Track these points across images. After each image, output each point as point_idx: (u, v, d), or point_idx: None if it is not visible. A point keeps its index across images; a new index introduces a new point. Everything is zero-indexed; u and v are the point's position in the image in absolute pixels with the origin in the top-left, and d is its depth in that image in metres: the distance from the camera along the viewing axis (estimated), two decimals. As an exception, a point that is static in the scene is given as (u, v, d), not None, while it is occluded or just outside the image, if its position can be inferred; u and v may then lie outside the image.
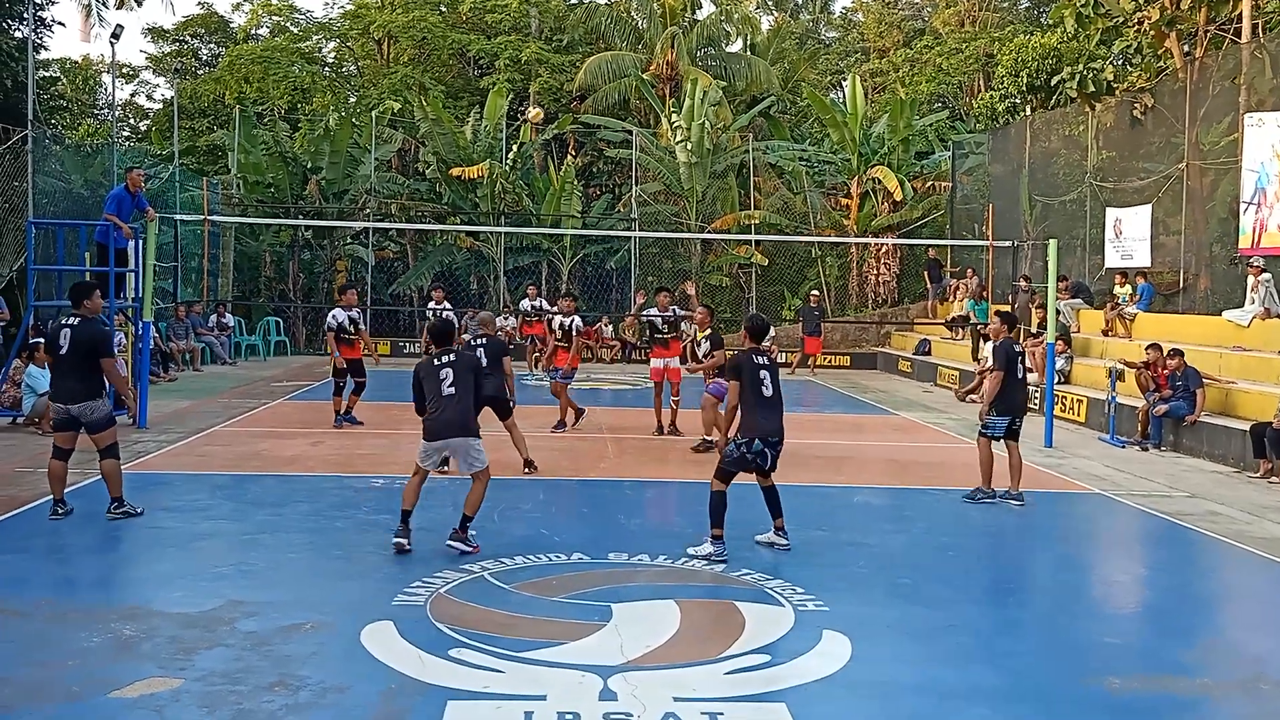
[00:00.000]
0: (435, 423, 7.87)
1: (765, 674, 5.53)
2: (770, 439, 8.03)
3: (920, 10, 45.30)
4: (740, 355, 8.23)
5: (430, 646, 5.74)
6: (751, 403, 7.99)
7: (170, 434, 13.06)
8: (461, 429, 7.88)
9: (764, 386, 8.05)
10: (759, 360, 8.19)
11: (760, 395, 8.02)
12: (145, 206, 13.95)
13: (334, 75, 41.35)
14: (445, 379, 7.86)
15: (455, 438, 7.87)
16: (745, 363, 8.09)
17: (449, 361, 7.97)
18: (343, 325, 14.23)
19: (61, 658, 5.48)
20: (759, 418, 7.98)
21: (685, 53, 32.29)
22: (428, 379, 7.94)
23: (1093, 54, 22.03)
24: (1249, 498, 10.98)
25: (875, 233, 28.45)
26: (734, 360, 8.23)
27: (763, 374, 8.09)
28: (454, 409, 7.84)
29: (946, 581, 7.54)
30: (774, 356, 9.81)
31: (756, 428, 7.96)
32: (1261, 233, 16.15)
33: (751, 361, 8.12)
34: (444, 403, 7.83)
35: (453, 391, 7.85)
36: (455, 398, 7.85)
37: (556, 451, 12.58)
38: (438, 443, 7.90)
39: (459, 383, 7.89)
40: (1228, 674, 5.90)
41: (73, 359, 8.48)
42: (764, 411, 8.00)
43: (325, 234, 28.32)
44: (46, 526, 8.40)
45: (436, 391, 7.85)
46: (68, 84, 36.72)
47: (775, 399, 8.10)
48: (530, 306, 21.31)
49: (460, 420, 7.87)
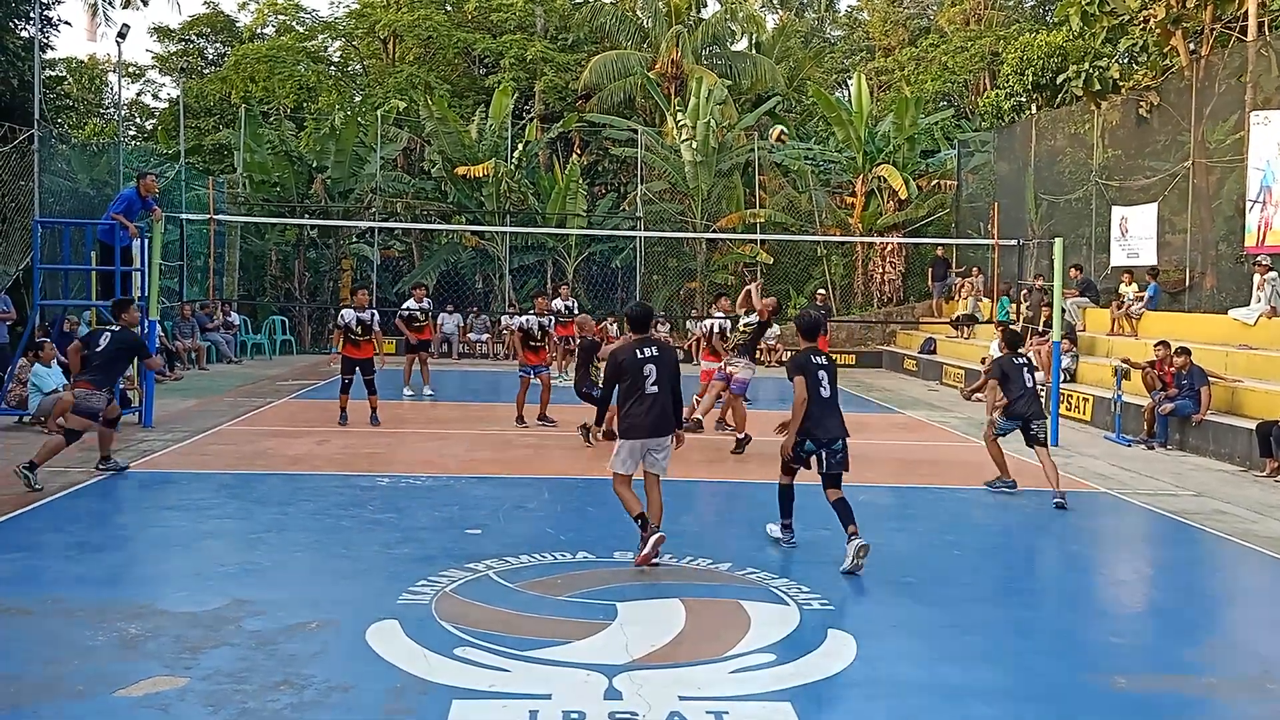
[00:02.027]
0: None
1: (771, 673, 5.52)
2: (825, 441, 7.77)
3: (925, 8, 45.22)
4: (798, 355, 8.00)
5: (435, 645, 5.74)
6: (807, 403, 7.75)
7: (176, 433, 13.08)
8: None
9: (822, 387, 7.81)
10: (818, 360, 7.92)
11: (818, 396, 7.77)
12: (152, 206, 13.98)
13: (339, 74, 41.38)
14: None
15: None
16: (806, 363, 7.85)
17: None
18: (350, 325, 14.32)
19: (67, 656, 5.49)
20: (812, 419, 7.75)
21: (690, 51, 32.29)
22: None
23: (1098, 52, 21.99)
24: (1255, 496, 10.96)
25: (880, 231, 28.44)
26: (793, 360, 7.97)
27: (821, 374, 7.84)
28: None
29: (952, 580, 7.53)
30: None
31: (808, 430, 7.77)
32: (1267, 231, 16.12)
33: (811, 362, 7.86)
34: None
35: None
36: None
37: (562, 450, 12.59)
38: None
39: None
40: (1234, 673, 5.89)
41: (105, 358, 10.29)
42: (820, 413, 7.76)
43: (331, 233, 28.36)
44: (53, 524, 8.42)
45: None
46: (74, 83, 36.80)
47: (832, 400, 7.86)
48: (563, 307, 21.40)
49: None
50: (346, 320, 14.33)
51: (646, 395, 7.54)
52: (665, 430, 7.62)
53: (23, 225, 17.59)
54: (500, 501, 9.63)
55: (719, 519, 9.39)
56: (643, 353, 7.61)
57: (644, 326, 7.91)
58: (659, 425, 7.57)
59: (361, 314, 14.31)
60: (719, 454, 12.38)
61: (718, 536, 8.59)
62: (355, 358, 14.34)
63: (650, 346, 7.68)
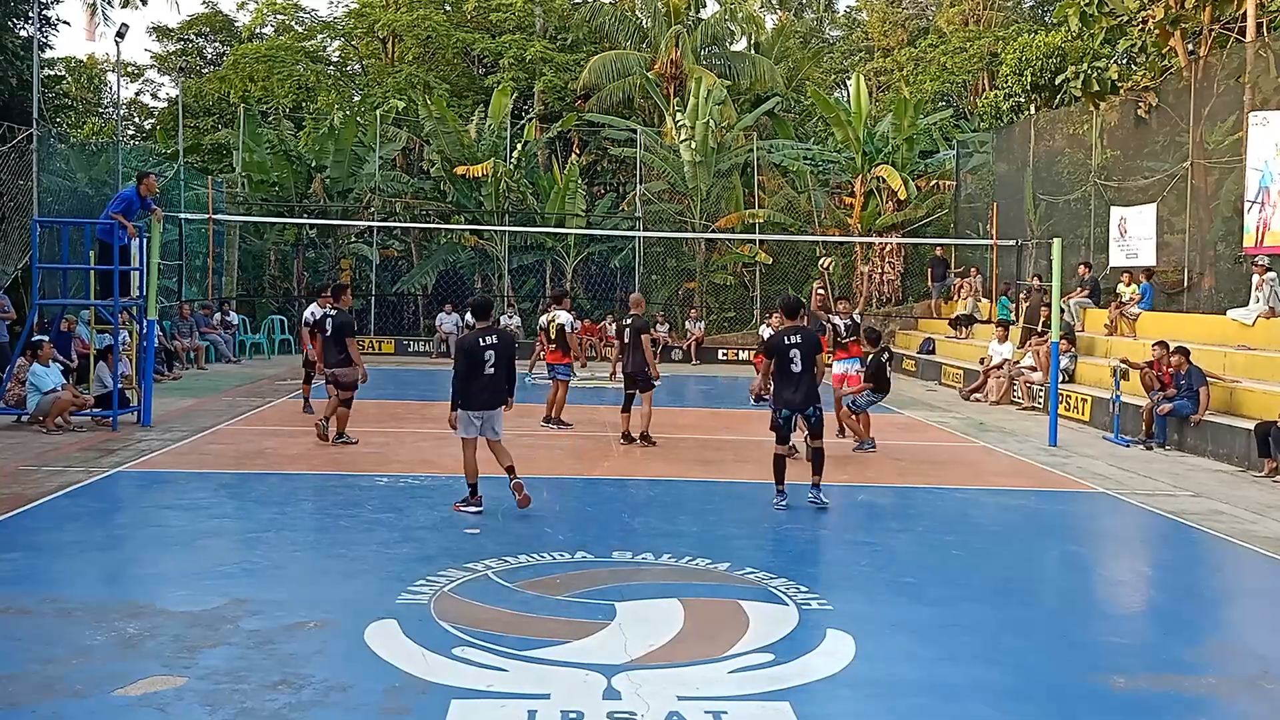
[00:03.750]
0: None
1: (769, 673, 5.52)
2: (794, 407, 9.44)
3: (924, 9, 45.26)
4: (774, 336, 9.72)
5: (434, 645, 5.74)
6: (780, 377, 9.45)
7: (175, 432, 13.07)
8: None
9: (792, 364, 9.37)
10: (791, 339, 9.41)
11: (789, 371, 9.40)
12: (152, 206, 13.97)
13: (338, 74, 41.40)
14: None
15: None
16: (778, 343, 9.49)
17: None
18: (319, 322, 14.14)
19: (66, 655, 5.49)
20: (786, 390, 9.43)
21: (690, 51, 32.29)
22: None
23: (1097, 53, 21.99)
24: (1253, 497, 10.96)
25: (879, 232, 28.43)
26: (769, 340, 9.89)
27: (793, 352, 9.35)
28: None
29: (950, 580, 7.53)
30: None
31: (784, 399, 9.42)
32: (1265, 231, 16.11)
33: (783, 341, 9.41)
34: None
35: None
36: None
37: (560, 450, 12.59)
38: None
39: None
40: (1233, 672, 5.89)
41: (335, 339, 12.53)
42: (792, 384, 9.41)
43: (329, 233, 28.36)
44: (51, 524, 8.42)
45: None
46: (73, 83, 36.76)
47: (803, 374, 9.41)
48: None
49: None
50: (316, 317, 14.36)
51: (484, 376, 8.98)
52: (496, 404, 9.14)
53: (21, 225, 17.59)
54: (498, 501, 9.62)
55: (718, 519, 9.38)
56: (484, 340, 9.02)
57: (485, 316, 9.32)
58: (492, 400, 9.09)
59: (326, 309, 14.28)
60: (717, 454, 12.38)
61: (716, 537, 8.58)
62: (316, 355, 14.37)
63: (490, 335, 9.10)
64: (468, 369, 8.95)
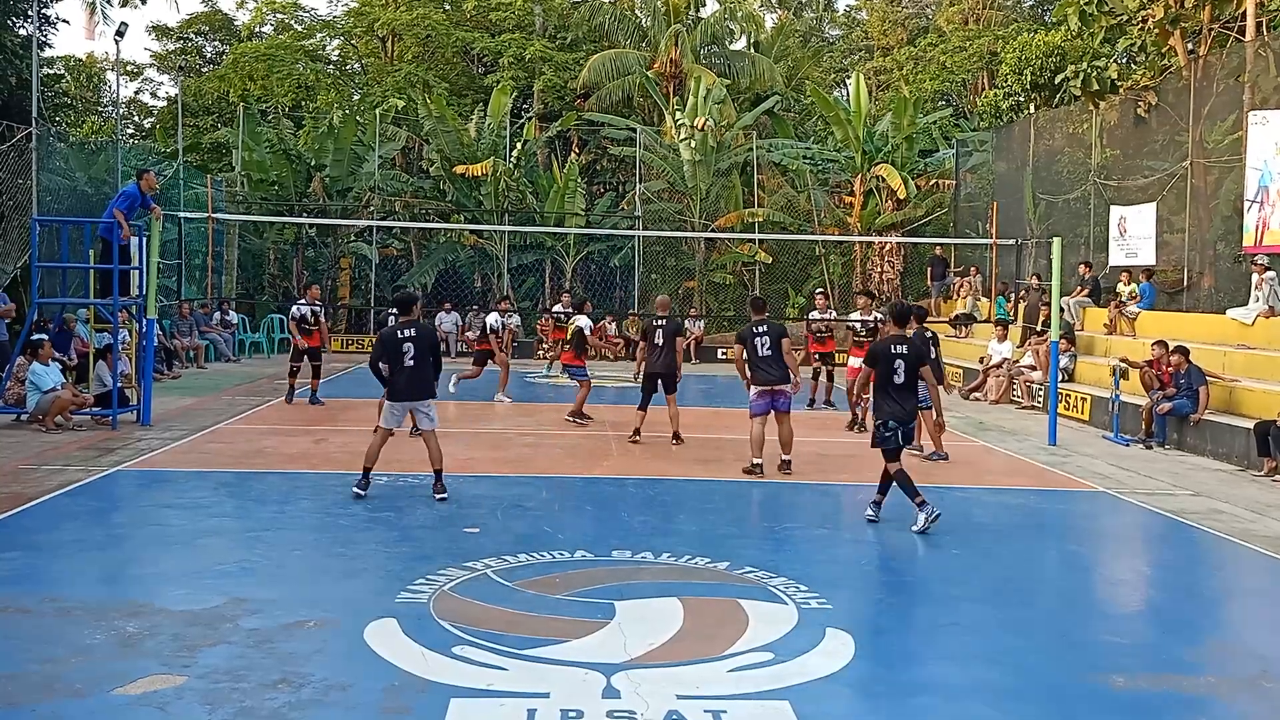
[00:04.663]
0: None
1: (769, 672, 5.52)
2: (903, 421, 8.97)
3: (924, 8, 45.26)
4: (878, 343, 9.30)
5: (433, 644, 5.74)
6: (884, 387, 8.98)
7: (174, 431, 13.07)
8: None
9: (895, 373, 8.95)
10: (896, 349, 9.03)
11: (891, 380, 8.96)
12: (151, 204, 13.97)
13: (338, 73, 41.39)
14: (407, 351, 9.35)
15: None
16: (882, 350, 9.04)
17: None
18: (304, 317, 15.84)
19: (65, 654, 5.49)
20: (890, 401, 8.95)
21: (689, 50, 32.29)
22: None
23: (1097, 52, 22.00)
24: (1253, 496, 10.96)
25: (879, 231, 28.43)
26: (871, 348, 9.31)
27: (897, 362, 8.95)
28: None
29: (950, 579, 7.53)
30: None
31: (889, 411, 8.95)
32: (1264, 231, 16.12)
33: (888, 350, 9.02)
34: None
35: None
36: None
37: (560, 449, 12.59)
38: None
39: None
40: (1232, 672, 5.88)
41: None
42: (896, 395, 8.96)
43: (329, 232, 28.35)
44: (51, 523, 8.42)
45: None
46: (72, 81, 36.76)
47: (906, 385, 9.00)
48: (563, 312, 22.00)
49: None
50: (302, 312, 15.88)
51: (405, 368, 9.28)
52: (420, 395, 9.42)
53: (20, 223, 17.58)
54: (498, 500, 9.63)
55: (717, 518, 9.38)
56: (403, 333, 9.32)
57: (407, 310, 9.59)
58: (415, 390, 9.37)
59: (314, 306, 15.97)
60: (716, 453, 12.38)
61: (716, 536, 8.58)
62: (307, 345, 15.96)
63: (410, 328, 9.39)
64: (386, 360, 9.35)
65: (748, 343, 11.16)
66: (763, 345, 11.07)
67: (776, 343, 11.11)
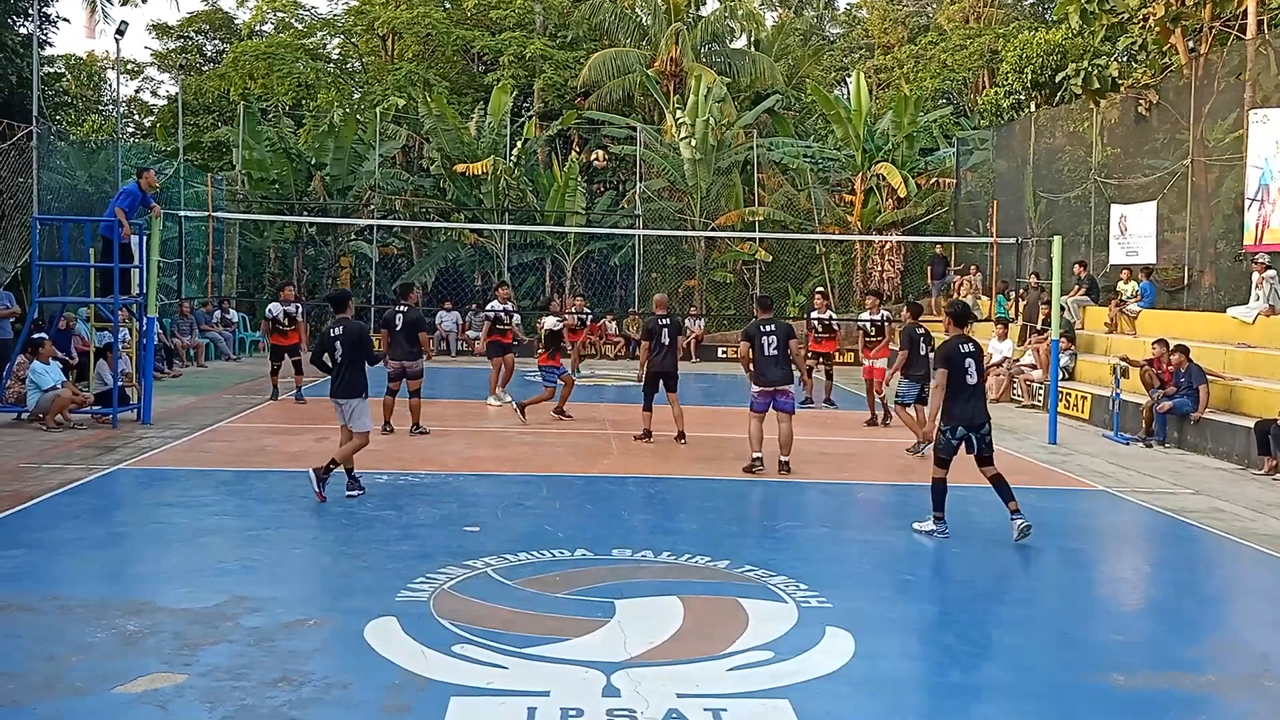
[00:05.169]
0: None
1: (769, 670, 5.52)
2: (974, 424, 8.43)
3: (924, 6, 45.25)
4: (947, 343, 8.61)
5: (433, 642, 5.75)
6: (954, 390, 8.38)
7: (175, 429, 13.08)
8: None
9: (968, 375, 8.41)
10: (965, 348, 8.50)
11: (964, 383, 8.39)
12: (151, 203, 13.97)
13: (338, 71, 41.38)
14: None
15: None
16: (952, 352, 8.45)
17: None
18: (277, 318, 16.13)
19: (66, 653, 5.49)
20: (961, 405, 8.38)
21: (690, 49, 32.27)
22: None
23: (1097, 50, 21.98)
24: (1253, 494, 10.96)
25: (879, 229, 28.42)
26: (940, 350, 8.61)
27: (968, 362, 8.42)
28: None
29: (950, 578, 7.54)
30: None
31: (959, 415, 8.39)
32: (1265, 229, 16.12)
33: (958, 350, 8.46)
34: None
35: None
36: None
37: (560, 448, 12.59)
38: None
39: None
40: (1233, 670, 5.89)
41: (406, 333, 13.24)
42: (968, 398, 8.40)
43: (329, 230, 28.35)
44: (52, 521, 8.42)
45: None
46: (72, 80, 36.76)
47: (978, 385, 8.47)
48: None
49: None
50: (274, 314, 16.15)
51: (334, 365, 9.34)
52: (346, 394, 9.37)
53: (21, 222, 17.58)
54: (499, 499, 9.64)
55: (717, 517, 9.38)
56: (332, 332, 9.36)
57: (339, 308, 9.61)
58: (341, 389, 9.37)
59: (287, 307, 16.16)
60: (716, 451, 12.38)
61: (716, 534, 8.58)
62: (283, 345, 16.26)
63: (338, 326, 9.37)
64: (320, 359, 9.47)
65: (754, 340, 11.14)
66: (769, 344, 11.08)
67: (784, 342, 11.14)
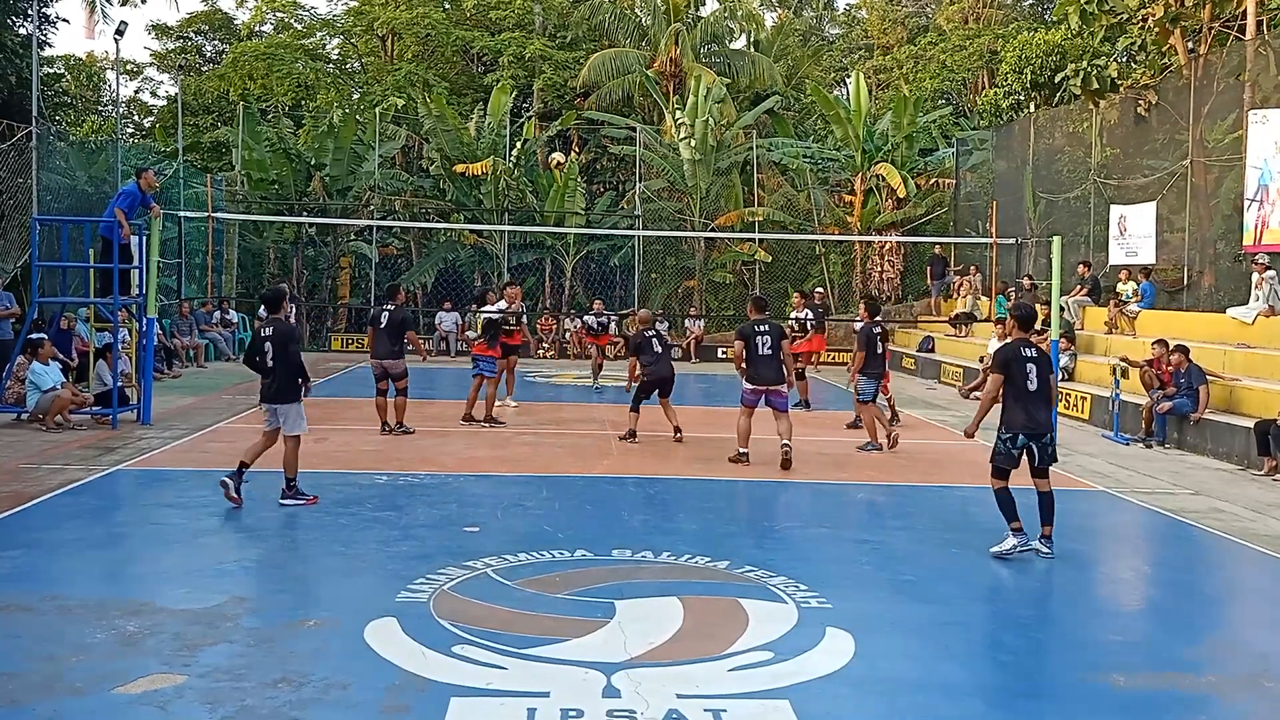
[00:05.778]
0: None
1: (769, 671, 5.52)
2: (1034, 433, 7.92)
3: (924, 7, 45.25)
4: (1006, 347, 8.15)
5: (433, 643, 5.74)
6: (1015, 396, 7.91)
7: (174, 430, 13.07)
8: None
9: (1029, 380, 7.90)
10: (1027, 352, 8.00)
11: (1025, 389, 7.90)
12: (150, 203, 13.97)
13: (338, 72, 41.38)
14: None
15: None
16: (1012, 355, 8.00)
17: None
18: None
19: (66, 653, 5.49)
20: (1021, 411, 7.90)
21: (689, 49, 32.28)
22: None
23: (1097, 51, 21.99)
24: (1253, 495, 10.96)
25: (879, 230, 28.43)
26: (999, 353, 8.12)
27: (1029, 367, 7.91)
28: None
29: (950, 578, 7.53)
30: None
31: (1020, 422, 7.90)
32: (1264, 230, 16.12)
33: (1019, 354, 7.98)
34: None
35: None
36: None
37: (560, 449, 12.59)
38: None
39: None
40: (1233, 670, 5.89)
41: (391, 330, 13.17)
42: (1029, 405, 7.89)
43: (329, 231, 28.35)
44: (52, 522, 8.42)
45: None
46: (72, 81, 36.78)
47: (1040, 392, 7.92)
48: (595, 322, 22.08)
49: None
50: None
51: (265, 367, 9.18)
52: (278, 399, 9.22)
53: (21, 223, 17.58)
54: (498, 499, 9.63)
55: (717, 517, 9.38)
56: (264, 332, 9.27)
57: (273, 308, 9.45)
58: (271, 393, 9.22)
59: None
60: (716, 452, 12.37)
61: (716, 535, 8.58)
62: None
63: (268, 327, 9.29)
64: (252, 359, 9.33)
65: (749, 340, 11.42)
66: (763, 344, 11.39)
67: (777, 343, 11.49)
